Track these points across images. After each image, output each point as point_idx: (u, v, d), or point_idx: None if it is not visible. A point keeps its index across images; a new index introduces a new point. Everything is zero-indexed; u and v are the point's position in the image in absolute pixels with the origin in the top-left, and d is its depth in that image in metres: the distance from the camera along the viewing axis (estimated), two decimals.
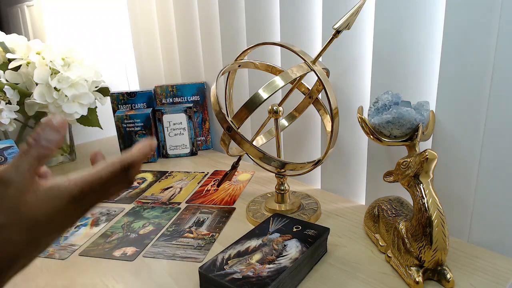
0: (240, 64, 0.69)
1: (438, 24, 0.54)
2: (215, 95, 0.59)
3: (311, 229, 0.55)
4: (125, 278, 0.53)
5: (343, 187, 0.75)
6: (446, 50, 0.53)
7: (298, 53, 0.57)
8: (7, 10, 1.95)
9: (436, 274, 0.48)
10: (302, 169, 0.62)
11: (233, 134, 0.56)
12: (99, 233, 0.65)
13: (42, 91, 0.82)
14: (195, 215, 0.70)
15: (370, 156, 0.68)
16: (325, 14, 0.67)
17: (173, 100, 1.07)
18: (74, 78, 0.85)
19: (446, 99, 0.55)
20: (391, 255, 0.52)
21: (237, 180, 0.86)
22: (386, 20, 0.59)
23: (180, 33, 1.11)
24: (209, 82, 1.06)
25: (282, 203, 0.68)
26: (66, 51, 0.89)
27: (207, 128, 1.09)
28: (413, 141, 0.52)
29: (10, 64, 0.84)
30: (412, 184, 0.48)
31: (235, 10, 0.88)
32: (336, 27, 0.54)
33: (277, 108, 0.63)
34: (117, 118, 0.96)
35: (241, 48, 0.88)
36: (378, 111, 0.55)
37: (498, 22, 0.48)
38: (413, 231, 0.47)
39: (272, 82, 0.53)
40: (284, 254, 0.49)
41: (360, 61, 0.66)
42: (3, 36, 0.88)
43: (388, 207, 0.55)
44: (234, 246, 0.52)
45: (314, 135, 0.79)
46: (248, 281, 0.44)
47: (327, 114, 0.71)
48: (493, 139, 0.51)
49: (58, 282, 0.53)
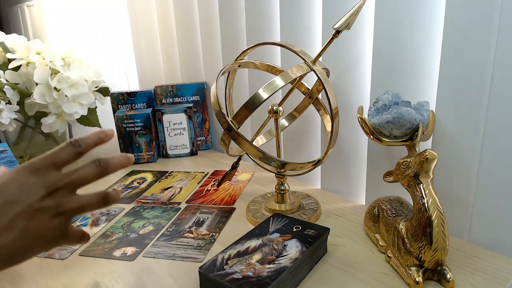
0: (240, 64, 0.69)
1: (438, 24, 0.54)
2: (215, 95, 0.59)
3: (311, 229, 0.55)
4: (125, 278, 0.53)
5: (343, 187, 0.75)
6: (446, 50, 0.53)
7: (298, 53, 0.57)
8: (7, 10, 1.95)
9: (436, 274, 0.48)
10: (302, 169, 0.62)
11: (233, 134, 0.56)
12: (99, 233, 0.65)
13: (42, 91, 0.82)
14: (195, 215, 0.70)
15: (370, 156, 0.68)
16: (325, 14, 0.67)
17: (173, 100, 1.07)
18: (74, 78, 0.84)
19: (446, 99, 0.55)
20: (391, 255, 0.52)
21: (237, 180, 0.86)
22: (386, 20, 0.59)
23: (180, 33, 1.11)
24: (209, 82, 1.06)
25: (282, 203, 0.68)
26: (66, 51, 0.89)
27: (207, 128, 1.09)
28: (413, 141, 0.52)
29: (10, 64, 0.84)
30: (412, 184, 0.48)
31: (235, 10, 0.88)
32: (336, 27, 0.54)
33: (277, 108, 0.63)
34: (117, 118, 0.96)
35: (241, 48, 0.88)
36: (378, 111, 0.55)
37: (498, 22, 0.48)
38: (413, 231, 0.47)
39: (272, 82, 0.53)
40: (284, 254, 0.49)
41: (360, 61, 0.66)
42: (3, 36, 0.88)
43: (388, 207, 0.55)
44: (234, 246, 0.52)
45: (314, 135, 0.79)
46: (248, 281, 0.44)
47: (327, 114, 0.71)
48: (493, 139, 0.51)
49: (58, 282, 0.53)
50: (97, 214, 0.72)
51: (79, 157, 0.39)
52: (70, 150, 0.38)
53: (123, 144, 0.98)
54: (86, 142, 0.39)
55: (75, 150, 0.38)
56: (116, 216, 0.71)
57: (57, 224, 0.37)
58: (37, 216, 0.36)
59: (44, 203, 0.36)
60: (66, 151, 0.38)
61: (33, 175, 0.36)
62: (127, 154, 0.41)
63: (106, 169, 0.39)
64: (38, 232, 0.36)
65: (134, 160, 0.42)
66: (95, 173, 0.39)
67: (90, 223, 0.69)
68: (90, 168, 0.39)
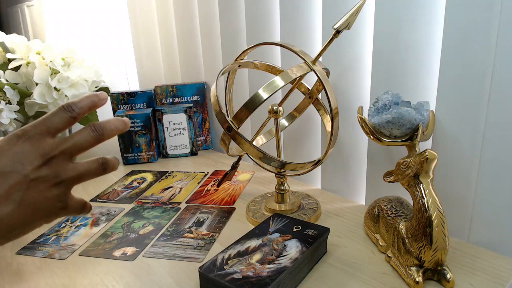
0: (240, 64, 0.69)
1: (438, 24, 0.54)
2: (215, 95, 0.59)
3: (311, 229, 0.55)
4: (125, 278, 0.53)
5: (343, 187, 0.75)
6: (446, 50, 0.53)
7: (298, 53, 0.57)
8: (7, 10, 1.96)
9: (436, 274, 0.48)
10: (302, 169, 0.62)
11: (233, 134, 0.56)
12: (99, 233, 0.65)
13: (42, 91, 0.82)
14: (195, 215, 0.70)
15: (370, 156, 0.68)
16: (325, 14, 0.67)
17: (173, 100, 1.07)
18: (74, 78, 0.85)
19: (446, 99, 0.55)
20: (391, 255, 0.52)
21: (237, 180, 0.86)
22: (386, 20, 0.59)
23: (180, 33, 1.11)
24: (209, 82, 1.06)
25: (282, 203, 0.68)
26: (66, 51, 0.89)
27: (207, 128, 1.09)
28: (413, 141, 0.52)
29: (10, 64, 0.84)
30: (412, 184, 0.48)
31: (235, 10, 0.88)
32: (336, 27, 0.54)
33: (277, 108, 0.63)
34: None
35: (241, 48, 0.88)
36: (378, 111, 0.55)
37: (498, 22, 0.48)
38: (413, 231, 0.47)
39: (272, 82, 0.53)
40: (284, 254, 0.49)
41: (360, 61, 0.66)
42: (3, 36, 0.88)
43: (388, 207, 0.55)
44: (234, 246, 0.52)
45: (314, 135, 0.79)
46: (248, 281, 0.44)
47: (327, 114, 0.71)
48: (493, 139, 0.51)
49: (58, 282, 0.53)
50: (97, 214, 0.72)
51: (73, 123, 0.37)
52: (63, 115, 0.36)
53: (123, 144, 0.98)
54: (79, 106, 0.37)
55: (69, 115, 0.36)
56: (116, 216, 0.71)
57: (56, 194, 0.36)
58: (35, 187, 0.34)
59: (41, 173, 0.34)
60: (59, 116, 0.36)
61: (26, 142, 0.34)
62: (122, 118, 0.40)
63: (103, 134, 0.37)
64: (37, 203, 0.34)
65: (129, 124, 0.40)
66: (91, 138, 0.37)
67: (90, 223, 0.69)
68: (86, 133, 0.37)
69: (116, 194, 0.81)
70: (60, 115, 0.36)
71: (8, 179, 0.33)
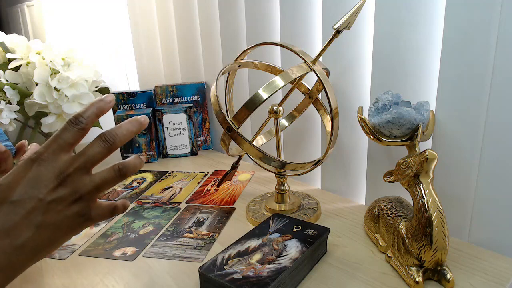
0: (240, 64, 0.69)
1: (438, 24, 0.54)
2: (215, 95, 0.59)
3: (311, 229, 0.55)
4: (125, 278, 0.53)
5: (343, 187, 0.75)
6: (446, 50, 0.53)
7: (298, 53, 0.57)
8: (7, 10, 1.95)
9: (436, 274, 0.48)
10: (302, 169, 0.62)
11: (233, 134, 0.56)
12: (99, 233, 0.65)
13: (42, 91, 0.82)
14: (195, 215, 0.70)
15: (370, 156, 0.68)
16: (325, 14, 0.67)
17: (173, 100, 1.07)
18: (74, 78, 0.84)
19: (446, 99, 0.55)
20: (391, 255, 0.52)
21: (237, 180, 0.86)
22: (386, 20, 0.59)
23: (180, 33, 1.11)
24: (209, 82, 1.06)
25: (282, 203, 0.68)
26: (66, 51, 0.88)
27: (207, 128, 1.09)
28: (413, 141, 0.52)
29: (10, 64, 0.84)
30: (412, 184, 0.48)
31: (235, 10, 0.88)
32: (336, 27, 0.54)
33: (277, 108, 0.63)
34: (117, 118, 0.96)
35: (241, 48, 0.88)
36: (378, 111, 0.55)
37: (498, 22, 0.48)
38: (413, 231, 0.47)
39: (272, 82, 0.53)
40: (284, 254, 0.49)
41: (360, 61, 0.66)
42: (3, 36, 0.88)
43: (388, 207, 0.55)
44: (234, 246, 0.52)
45: (314, 135, 0.79)
46: (248, 281, 0.44)
47: (327, 114, 0.71)
48: (493, 139, 0.51)
49: (58, 282, 0.53)
50: None
51: (84, 134, 0.37)
52: (73, 129, 0.36)
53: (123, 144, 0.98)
54: (85, 116, 0.37)
55: (77, 128, 0.36)
56: (116, 216, 0.71)
57: (77, 211, 0.36)
58: (53, 208, 0.34)
59: (57, 194, 0.35)
60: (69, 131, 0.36)
61: (41, 166, 0.35)
62: (137, 117, 0.39)
63: (114, 142, 0.37)
64: (57, 223, 0.35)
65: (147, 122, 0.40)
66: (103, 149, 0.37)
67: None
68: (97, 145, 0.37)
69: (116, 194, 0.81)
70: (69, 130, 0.36)
71: (25, 205, 0.34)
